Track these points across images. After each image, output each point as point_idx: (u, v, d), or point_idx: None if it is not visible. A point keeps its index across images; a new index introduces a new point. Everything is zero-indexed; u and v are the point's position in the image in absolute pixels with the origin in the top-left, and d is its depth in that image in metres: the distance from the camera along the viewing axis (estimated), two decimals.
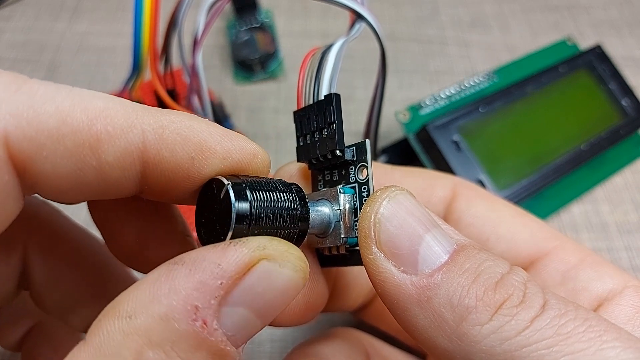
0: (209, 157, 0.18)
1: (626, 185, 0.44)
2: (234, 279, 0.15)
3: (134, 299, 0.15)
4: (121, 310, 0.15)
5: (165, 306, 0.14)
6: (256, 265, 0.16)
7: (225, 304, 0.15)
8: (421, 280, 0.17)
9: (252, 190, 0.17)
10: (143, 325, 0.14)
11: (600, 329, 0.15)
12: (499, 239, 0.26)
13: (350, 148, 0.20)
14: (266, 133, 0.45)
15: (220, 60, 0.51)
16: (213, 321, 0.15)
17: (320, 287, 0.22)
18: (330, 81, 0.21)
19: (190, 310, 0.15)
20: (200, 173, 0.18)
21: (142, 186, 0.18)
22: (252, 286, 0.16)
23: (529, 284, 0.16)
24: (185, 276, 0.15)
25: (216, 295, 0.15)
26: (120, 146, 0.16)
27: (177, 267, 0.15)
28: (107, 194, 0.18)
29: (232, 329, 0.15)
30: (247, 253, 0.16)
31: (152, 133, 0.17)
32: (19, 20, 0.52)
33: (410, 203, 0.18)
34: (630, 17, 0.58)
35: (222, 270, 0.15)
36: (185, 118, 0.18)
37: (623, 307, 0.22)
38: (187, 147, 0.17)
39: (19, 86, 0.15)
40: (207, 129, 0.18)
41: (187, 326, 0.14)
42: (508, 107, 0.41)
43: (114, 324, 0.14)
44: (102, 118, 0.16)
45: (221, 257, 0.15)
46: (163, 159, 0.17)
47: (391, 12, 0.57)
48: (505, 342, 0.15)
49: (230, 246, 0.16)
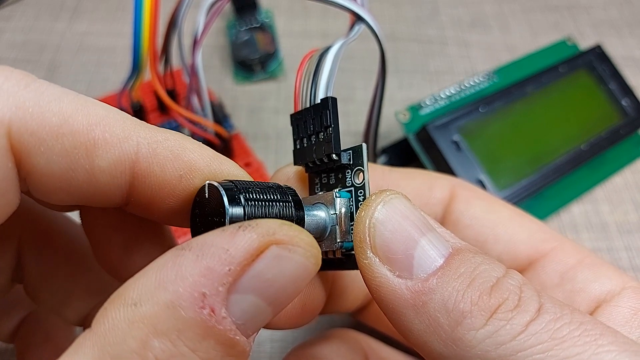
0: (196, 177, 0.18)
1: (626, 185, 0.44)
2: (243, 265, 0.15)
3: (140, 286, 0.14)
4: (127, 297, 0.14)
5: (172, 293, 0.14)
6: (266, 251, 0.15)
7: (234, 291, 0.15)
8: (416, 285, 0.16)
9: (246, 194, 0.17)
10: (148, 313, 0.14)
11: (596, 332, 0.15)
12: (497, 240, 0.26)
13: (346, 152, 0.20)
14: (266, 133, 0.46)
15: (220, 60, 0.51)
16: (221, 309, 0.14)
17: (316, 290, 0.22)
18: (327, 84, 0.20)
19: (197, 298, 0.14)
20: (185, 191, 0.18)
21: (128, 198, 0.18)
22: (262, 272, 0.15)
23: (525, 287, 0.16)
24: (192, 262, 0.14)
25: (224, 282, 0.14)
26: (114, 154, 0.17)
27: (184, 253, 0.15)
28: (94, 201, 0.18)
29: (242, 318, 0.15)
30: (256, 238, 0.15)
31: (147, 147, 0.17)
32: (19, 20, 0.52)
33: (405, 207, 0.18)
34: (630, 17, 0.58)
35: (230, 256, 0.15)
36: (179, 137, 0.18)
37: (621, 308, 0.22)
38: (177, 165, 0.18)
39: (28, 84, 0.16)
40: (199, 151, 0.18)
41: (194, 314, 0.14)
42: (508, 107, 0.41)
43: (120, 312, 0.14)
44: (102, 125, 0.17)
45: (229, 242, 0.15)
46: (152, 172, 0.18)
47: (391, 12, 0.57)
48: (501, 346, 0.15)
49: (239, 231, 0.15)
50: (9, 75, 0.16)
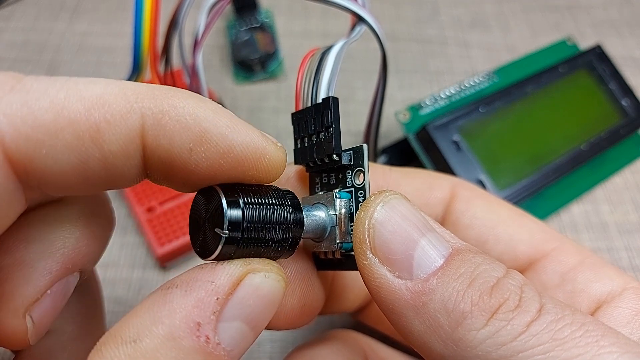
0: (207, 151, 0.16)
1: (626, 185, 0.44)
2: (228, 294, 0.16)
3: (135, 324, 0.15)
4: (123, 336, 0.15)
5: (168, 326, 0.15)
6: (244, 279, 0.16)
7: (221, 320, 0.16)
8: (416, 285, 0.16)
9: (245, 198, 0.17)
10: (150, 347, 0.14)
11: (598, 333, 0.15)
12: (497, 241, 0.26)
13: (347, 152, 0.20)
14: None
15: (220, 60, 0.51)
16: (215, 336, 0.15)
17: (315, 290, 0.22)
18: (329, 84, 0.20)
19: (193, 327, 0.15)
20: (197, 167, 0.17)
21: (148, 169, 0.17)
22: (244, 298, 0.16)
23: (525, 287, 0.16)
24: (182, 297, 0.15)
25: (214, 310, 0.15)
26: (121, 134, 0.16)
27: (172, 290, 0.16)
28: (115, 184, 0.17)
29: (231, 344, 0.16)
30: (235, 269, 0.16)
31: (151, 118, 0.16)
32: (19, 20, 0.52)
33: (404, 207, 0.18)
34: (630, 17, 0.58)
35: (217, 286, 0.16)
36: (191, 102, 0.16)
37: (622, 309, 0.22)
38: (186, 136, 0.16)
39: (13, 86, 0.15)
40: (212, 118, 0.16)
41: (193, 342, 0.15)
42: (508, 107, 0.41)
43: (119, 351, 0.14)
44: (100, 106, 0.15)
45: (213, 276, 0.16)
46: (160, 146, 0.16)
47: (391, 12, 0.57)
48: (501, 347, 0.15)
49: (218, 265, 0.16)
50: None
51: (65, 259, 0.19)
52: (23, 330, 0.18)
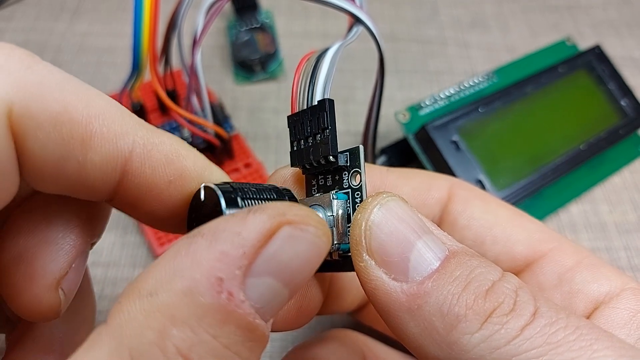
0: (185, 185, 0.18)
1: (625, 185, 0.44)
2: (257, 248, 0.15)
3: (155, 276, 0.14)
4: (142, 289, 0.14)
5: (188, 280, 0.14)
6: (278, 232, 0.15)
7: (249, 275, 0.14)
8: (412, 288, 0.16)
9: (243, 195, 0.17)
10: (166, 302, 0.14)
11: (592, 337, 0.15)
12: (495, 241, 0.26)
13: (343, 154, 0.20)
14: (266, 133, 0.46)
15: (221, 60, 0.51)
16: (239, 293, 0.14)
17: (313, 291, 0.22)
18: (324, 86, 0.20)
19: (214, 283, 0.14)
20: (171, 197, 0.18)
21: (115, 193, 0.18)
22: (276, 253, 0.15)
23: (520, 291, 0.16)
24: (206, 248, 0.14)
25: (240, 265, 0.14)
26: (109, 149, 0.17)
27: (197, 240, 0.15)
28: (81, 192, 0.18)
29: (260, 301, 0.15)
30: (267, 220, 0.15)
31: (142, 147, 0.17)
32: (20, 21, 0.52)
33: (401, 209, 0.18)
34: (629, 17, 0.58)
35: (243, 239, 0.14)
36: (175, 143, 0.18)
37: (620, 310, 0.22)
38: (168, 170, 0.18)
39: (31, 65, 0.16)
40: (193, 159, 0.19)
41: (213, 299, 0.14)
42: (507, 108, 0.41)
43: (135, 304, 0.14)
44: (101, 118, 0.17)
45: (241, 226, 0.15)
46: (143, 174, 0.18)
47: (391, 12, 0.57)
48: (495, 351, 0.15)
49: (249, 214, 0.15)
50: (12, 54, 0.16)
51: (83, 233, 0.20)
52: (58, 302, 0.19)
